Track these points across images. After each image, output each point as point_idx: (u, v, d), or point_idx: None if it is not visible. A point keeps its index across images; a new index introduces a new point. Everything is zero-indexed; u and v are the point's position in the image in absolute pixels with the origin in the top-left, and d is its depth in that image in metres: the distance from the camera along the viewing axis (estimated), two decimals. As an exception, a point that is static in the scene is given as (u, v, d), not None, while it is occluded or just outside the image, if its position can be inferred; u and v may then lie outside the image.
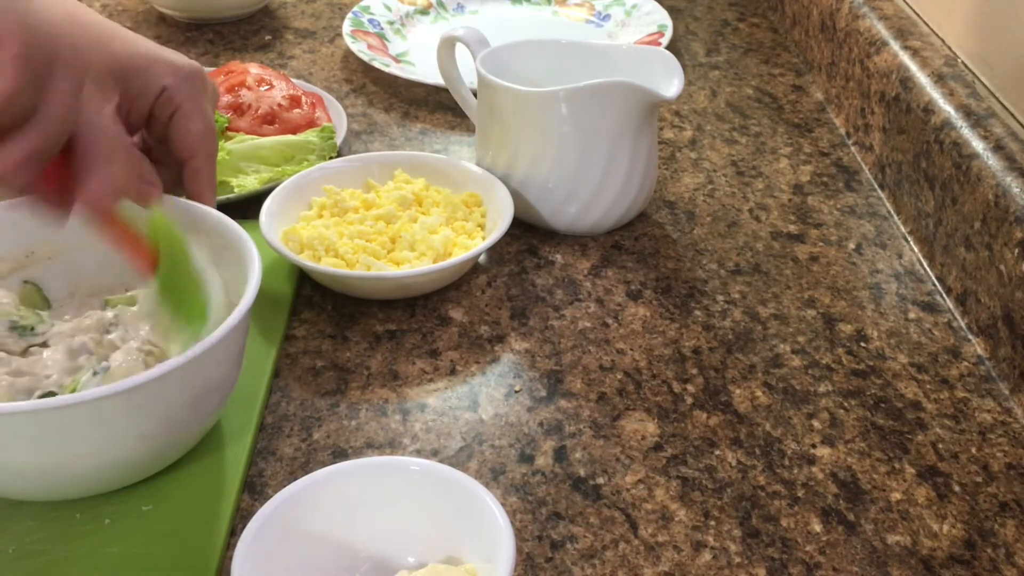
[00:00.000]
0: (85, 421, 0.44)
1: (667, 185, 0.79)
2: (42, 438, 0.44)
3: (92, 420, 0.44)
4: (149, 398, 0.45)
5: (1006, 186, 0.60)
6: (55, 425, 0.43)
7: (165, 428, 0.48)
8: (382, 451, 0.54)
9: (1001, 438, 0.56)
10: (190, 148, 0.57)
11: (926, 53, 0.76)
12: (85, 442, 0.45)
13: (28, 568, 0.47)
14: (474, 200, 0.70)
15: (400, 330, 0.63)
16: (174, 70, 0.56)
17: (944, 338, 0.64)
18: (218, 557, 0.47)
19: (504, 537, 0.42)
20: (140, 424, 0.46)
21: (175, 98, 0.56)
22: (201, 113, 0.57)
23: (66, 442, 0.44)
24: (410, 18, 1.05)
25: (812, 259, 0.71)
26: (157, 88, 0.55)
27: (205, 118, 0.57)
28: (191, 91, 0.56)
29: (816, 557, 0.49)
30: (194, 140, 0.57)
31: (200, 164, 0.57)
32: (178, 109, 0.56)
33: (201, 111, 0.57)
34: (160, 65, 0.56)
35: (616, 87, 0.66)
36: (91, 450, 0.46)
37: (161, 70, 0.56)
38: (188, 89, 0.56)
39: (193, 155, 0.57)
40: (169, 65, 0.56)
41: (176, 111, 0.56)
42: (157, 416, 0.47)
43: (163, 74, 0.56)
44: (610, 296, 0.67)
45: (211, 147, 0.58)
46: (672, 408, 0.58)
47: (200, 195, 0.58)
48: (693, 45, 1.03)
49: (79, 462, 0.46)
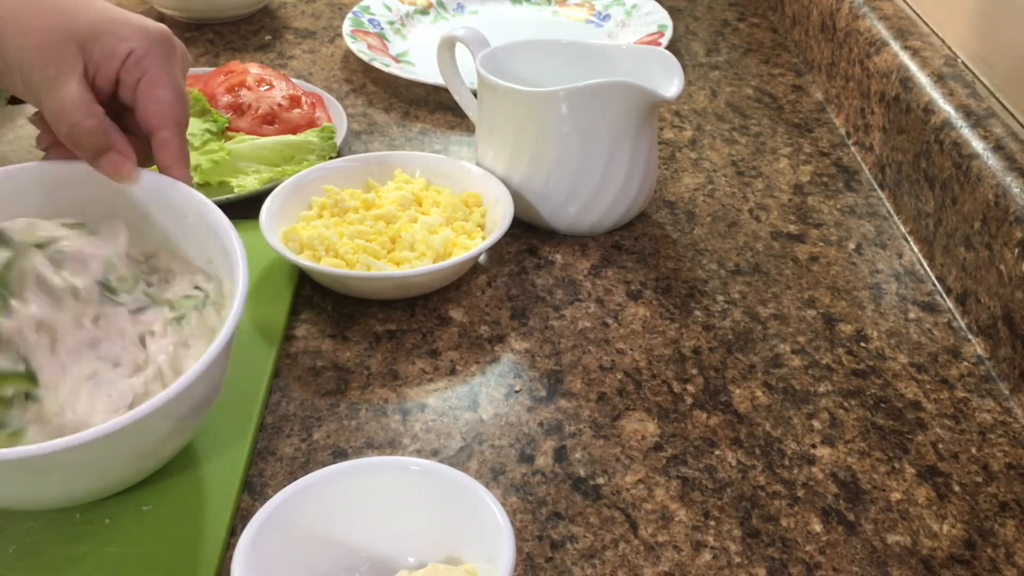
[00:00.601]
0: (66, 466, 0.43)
1: (667, 185, 0.79)
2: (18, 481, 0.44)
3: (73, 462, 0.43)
4: (123, 441, 0.44)
5: (1006, 186, 0.60)
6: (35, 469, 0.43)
7: (147, 456, 0.48)
8: (382, 451, 0.54)
9: (1001, 438, 0.56)
10: (158, 117, 0.53)
11: (926, 53, 0.76)
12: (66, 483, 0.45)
13: (28, 568, 0.47)
14: (474, 200, 0.70)
15: (400, 330, 0.63)
16: (141, 32, 0.52)
17: (944, 338, 0.64)
18: (218, 557, 0.47)
19: (504, 537, 0.42)
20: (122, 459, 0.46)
21: (142, 62, 0.52)
22: (170, 79, 0.53)
23: (48, 482, 0.44)
24: (410, 18, 1.05)
25: (812, 259, 0.71)
26: (123, 52, 0.52)
27: (174, 85, 0.53)
28: (159, 56, 0.53)
29: (816, 557, 0.49)
30: (162, 108, 0.53)
31: (169, 135, 0.53)
32: (144, 74, 0.52)
33: (170, 77, 0.53)
34: (126, 28, 0.52)
35: (616, 87, 0.66)
36: (72, 486, 0.46)
37: (127, 33, 0.52)
38: (156, 53, 0.52)
39: (162, 125, 0.53)
40: (135, 28, 0.53)
41: (142, 77, 0.52)
42: (144, 447, 0.46)
43: (128, 37, 0.52)
44: (610, 296, 0.67)
45: (181, 116, 0.54)
46: (672, 408, 0.58)
47: (170, 168, 0.54)
48: (693, 45, 1.03)
49: (63, 494, 0.46)
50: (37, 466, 0.42)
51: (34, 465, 0.42)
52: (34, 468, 0.42)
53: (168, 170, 0.54)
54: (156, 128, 0.53)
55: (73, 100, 0.51)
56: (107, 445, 0.42)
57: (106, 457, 0.44)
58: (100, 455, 0.43)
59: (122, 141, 0.53)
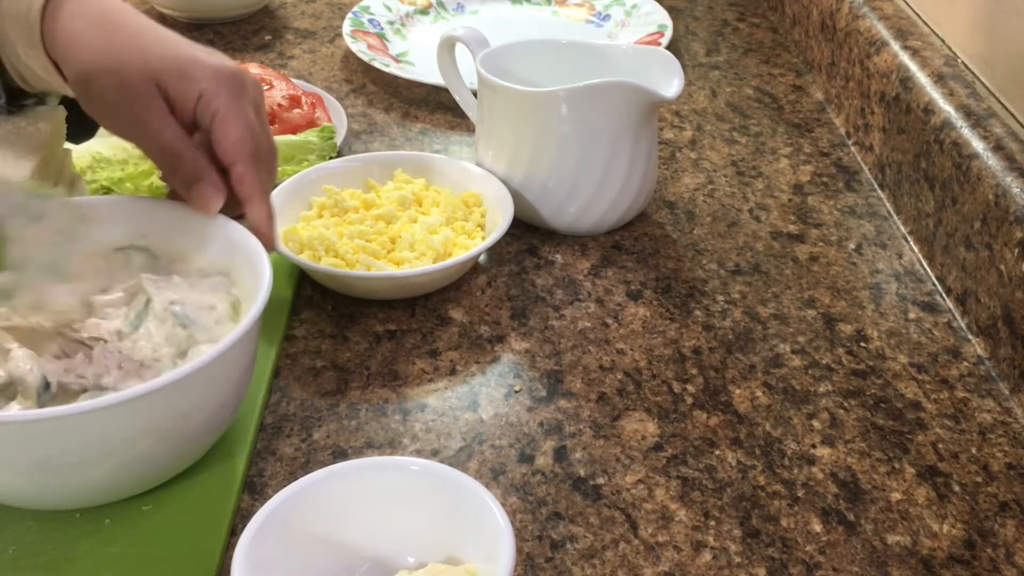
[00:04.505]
0: (90, 428, 0.44)
1: (667, 185, 0.79)
2: (40, 446, 0.44)
3: (97, 426, 0.44)
4: (143, 410, 0.45)
5: (1006, 186, 0.60)
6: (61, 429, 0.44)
7: (169, 441, 0.48)
8: (382, 451, 0.54)
9: (1001, 438, 0.56)
10: (231, 154, 0.55)
11: (926, 53, 0.76)
12: (91, 448, 0.45)
13: (28, 568, 0.47)
14: (474, 200, 0.70)
15: (400, 330, 0.63)
16: (211, 73, 0.54)
17: (944, 338, 0.64)
18: (218, 557, 0.47)
19: (504, 537, 0.41)
20: (146, 432, 0.46)
21: (211, 103, 0.54)
22: (239, 117, 0.54)
23: (68, 450, 0.44)
24: (410, 18, 1.05)
25: (812, 259, 0.71)
26: (195, 94, 0.54)
27: (244, 121, 0.55)
28: (228, 94, 0.54)
29: (816, 557, 0.49)
30: (232, 146, 0.55)
31: (243, 169, 0.55)
32: (216, 113, 0.54)
33: (239, 115, 0.55)
34: (197, 69, 0.54)
35: (616, 87, 0.66)
36: (101, 456, 0.46)
37: (198, 74, 0.54)
38: (226, 92, 0.54)
39: (235, 161, 0.55)
40: (205, 68, 0.54)
41: (215, 115, 0.54)
42: (164, 426, 0.47)
43: (199, 78, 0.54)
44: (610, 296, 0.67)
45: (253, 150, 0.55)
46: (672, 408, 0.58)
47: (248, 200, 0.56)
48: (693, 45, 1.03)
49: (88, 471, 0.46)
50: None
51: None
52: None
53: (247, 202, 0.56)
54: (231, 164, 0.55)
55: (170, 134, 0.54)
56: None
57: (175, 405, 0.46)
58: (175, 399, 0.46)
59: (212, 172, 0.54)
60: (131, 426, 0.45)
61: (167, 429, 0.47)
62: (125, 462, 0.47)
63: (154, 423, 0.46)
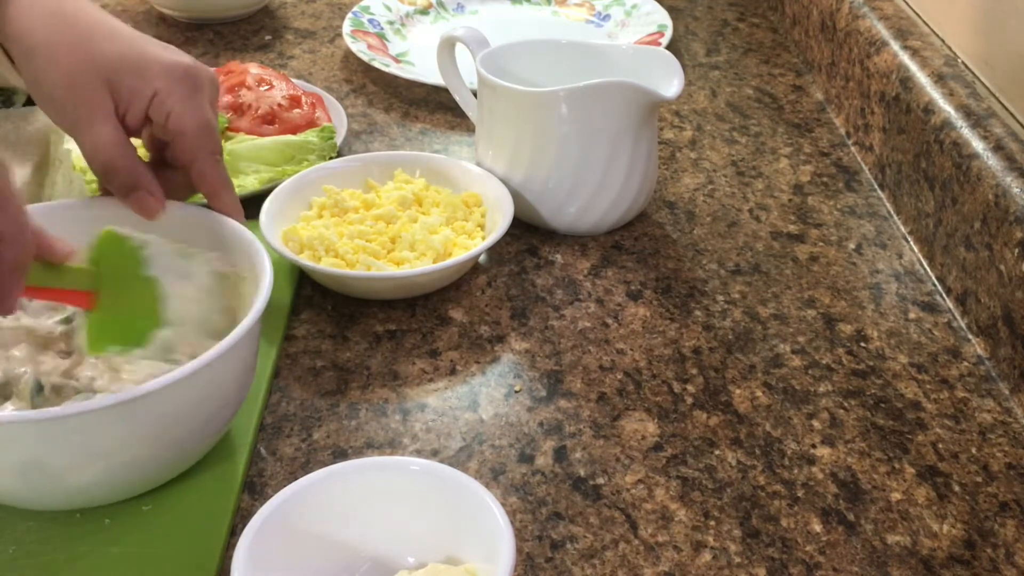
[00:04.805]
0: (88, 430, 0.44)
1: (667, 185, 0.79)
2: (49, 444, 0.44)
3: (98, 427, 0.44)
4: (145, 409, 0.45)
5: (1006, 186, 0.60)
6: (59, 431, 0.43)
7: (167, 442, 0.48)
8: (382, 451, 0.54)
9: (1001, 438, 0.56)
10: (189, 152, 0.55)
11: (926, 53, 0.76)
12: (88, 450, 0.45)
13: (28, 568, 0.47)
14: (474, 200, 0.70)
15: (400, 330, 0.63)
16: (163, 72, 0.53)
17: (944, 338, 0.64)
18: (218, 557, 0.47)
19: (504, 537, 0.42)
20: (140, 436, 0.46)
21: (165, 102, 0.53)
22: (196, 113, 0.54)
23: (69, 451, 0.44)
24: (410, 18, 1.05)
25: (812, 259, 0.71)
26: (148, 93, 0.53)
27: (200, 118, 0.54)
28: (183, 92, 0.53)
29: (816, 557, 0.49)
30: (190, 143, 0.54)
31: (204, 166, 0.55)
32: (171, 112, 0.53)
33: (196, 111, 0.54)
34: (150, 66, 0.53)
35: (616, 87, 0.66)
36: (93, 459, 0.46)
37: (151, 72, 0.53)
38: (180, 91, 0.53)
39: (194, 158, 0.55)
40: (160, 66, 0.53)
41: (170, 114, 0.53)
42: (161, 427, 0.47)
43: (152, 77, 0.53)
44: (610, 296, 0.67)
45: (211, 145, 0.55)
46: (672, 408, 0.58)
47: (214, 196, 0.55)
48: (693, 45, 1.03)
49: (81, 473, 0.46)
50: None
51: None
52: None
53: (213, 197, 0.56)
54: (190, 161, 0.55)
55: (105, 141, 0.53)
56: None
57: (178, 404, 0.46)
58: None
59: (150, 180, 0.54)
60: (123, 430, 0.45)
61: (161, 433, 0.47)
62: (120, 465, 0.47)
63: (148, 427, 0.46)
